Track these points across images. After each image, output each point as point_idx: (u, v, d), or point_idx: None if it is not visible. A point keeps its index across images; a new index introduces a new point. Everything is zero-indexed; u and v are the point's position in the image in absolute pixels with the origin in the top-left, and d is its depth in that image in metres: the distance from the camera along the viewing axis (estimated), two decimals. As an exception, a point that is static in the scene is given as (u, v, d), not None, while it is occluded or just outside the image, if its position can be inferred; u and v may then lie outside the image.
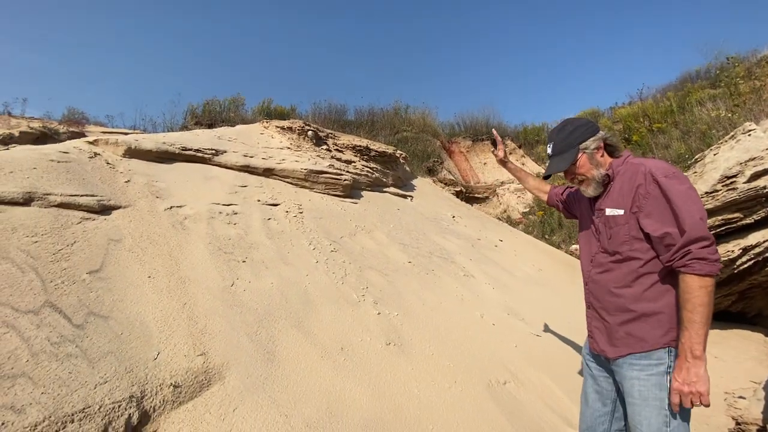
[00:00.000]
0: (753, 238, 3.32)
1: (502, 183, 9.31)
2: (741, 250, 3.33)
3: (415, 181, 7.32)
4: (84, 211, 2.44)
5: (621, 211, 1.32)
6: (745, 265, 3.36)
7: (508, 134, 10.95)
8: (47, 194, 2.33)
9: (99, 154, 3.25)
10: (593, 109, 11.36)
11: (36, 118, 5.70)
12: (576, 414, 2.27)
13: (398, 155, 6.84)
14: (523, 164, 10.12)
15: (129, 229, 2.50)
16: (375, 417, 1.87)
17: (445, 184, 8.37)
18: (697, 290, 1.15)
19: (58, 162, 2.74)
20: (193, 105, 7.71)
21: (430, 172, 8.54)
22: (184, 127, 7.09)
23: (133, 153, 3.51)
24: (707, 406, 1.16)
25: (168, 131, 6.52)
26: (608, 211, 1.37)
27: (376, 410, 1.91)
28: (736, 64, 8.50)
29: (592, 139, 1.39)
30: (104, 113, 12.46)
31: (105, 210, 2.57)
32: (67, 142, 3.46)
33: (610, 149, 1.43)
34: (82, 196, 2.51)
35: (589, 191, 1.42)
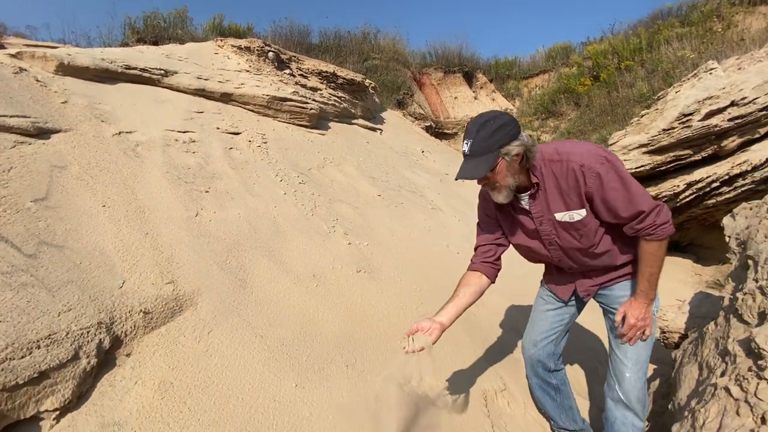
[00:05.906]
0: (698, 174, 3.58)
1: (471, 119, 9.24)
2: (686, 185, 3.60)
3: (384, 114, 7.09)
4: (16, 134, 2.18)
5: (582, 212, 1.30)
6: (687, 199, 3.66)
7: (480, 67, 10.62)
8: (-32, 113, 2.04)
9: (25, 70, 2.83)
10: (566, 43, 11.12)
11: (-63, 25, 4.77)
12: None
13: (367, 84, 6.51)
14: (493, 99, 10.01)
15: (74, 155, 2.28)
16: (346, 334, 1.98)
17: (415, 118, 8.18)
18: (656, 251, 1.30)
19: (-25, 76, 2.36)
20: (131, 17, 6.70)
21: (400, 105, 8.26)
22: (125, 44, 6.25)
23: (66, 70, 3.09)
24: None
25: (105, 48, 5.73)
26: (560, 216, 1.33)
27: (348, 328, 2.02)
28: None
29: (514, 144, 1.23)
30: (24, 23, 10.60)
31: (42, 133, 2.30)
32: (-17, 53, 2.96)
33: (528, 155, 1.27)
34: (11, 117, 2.22)
35: (500, 198, 1.31)
